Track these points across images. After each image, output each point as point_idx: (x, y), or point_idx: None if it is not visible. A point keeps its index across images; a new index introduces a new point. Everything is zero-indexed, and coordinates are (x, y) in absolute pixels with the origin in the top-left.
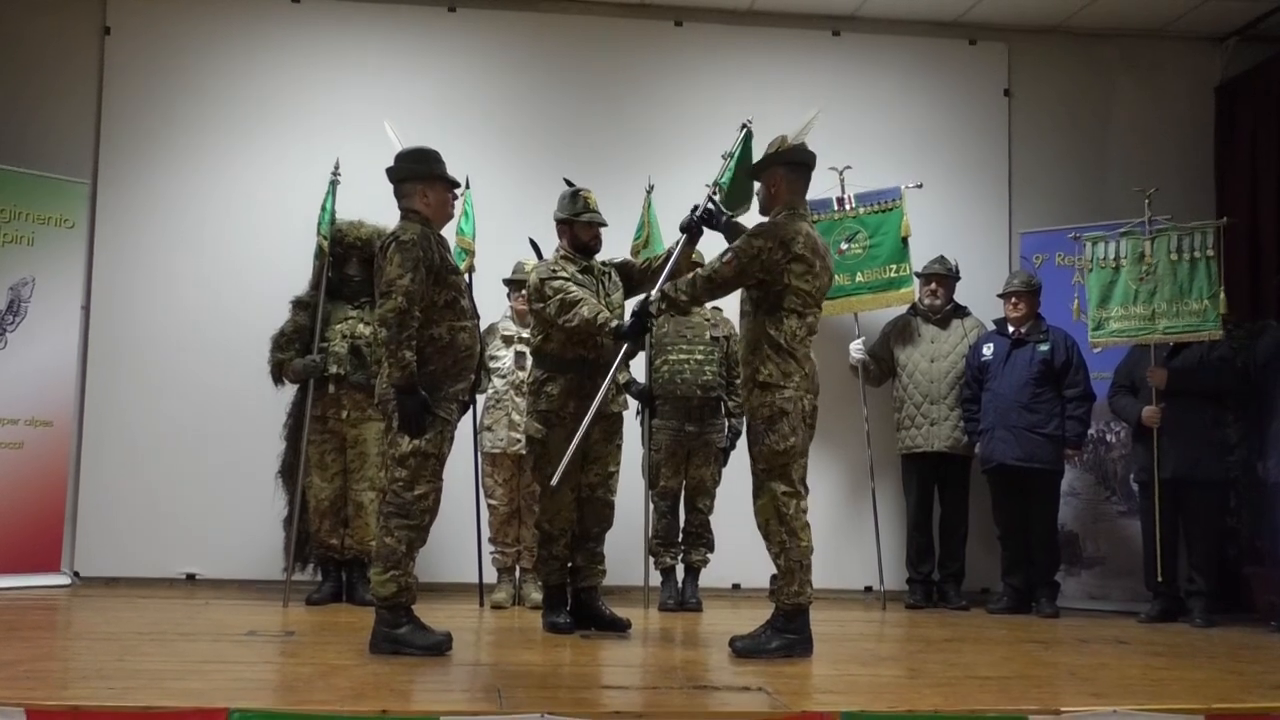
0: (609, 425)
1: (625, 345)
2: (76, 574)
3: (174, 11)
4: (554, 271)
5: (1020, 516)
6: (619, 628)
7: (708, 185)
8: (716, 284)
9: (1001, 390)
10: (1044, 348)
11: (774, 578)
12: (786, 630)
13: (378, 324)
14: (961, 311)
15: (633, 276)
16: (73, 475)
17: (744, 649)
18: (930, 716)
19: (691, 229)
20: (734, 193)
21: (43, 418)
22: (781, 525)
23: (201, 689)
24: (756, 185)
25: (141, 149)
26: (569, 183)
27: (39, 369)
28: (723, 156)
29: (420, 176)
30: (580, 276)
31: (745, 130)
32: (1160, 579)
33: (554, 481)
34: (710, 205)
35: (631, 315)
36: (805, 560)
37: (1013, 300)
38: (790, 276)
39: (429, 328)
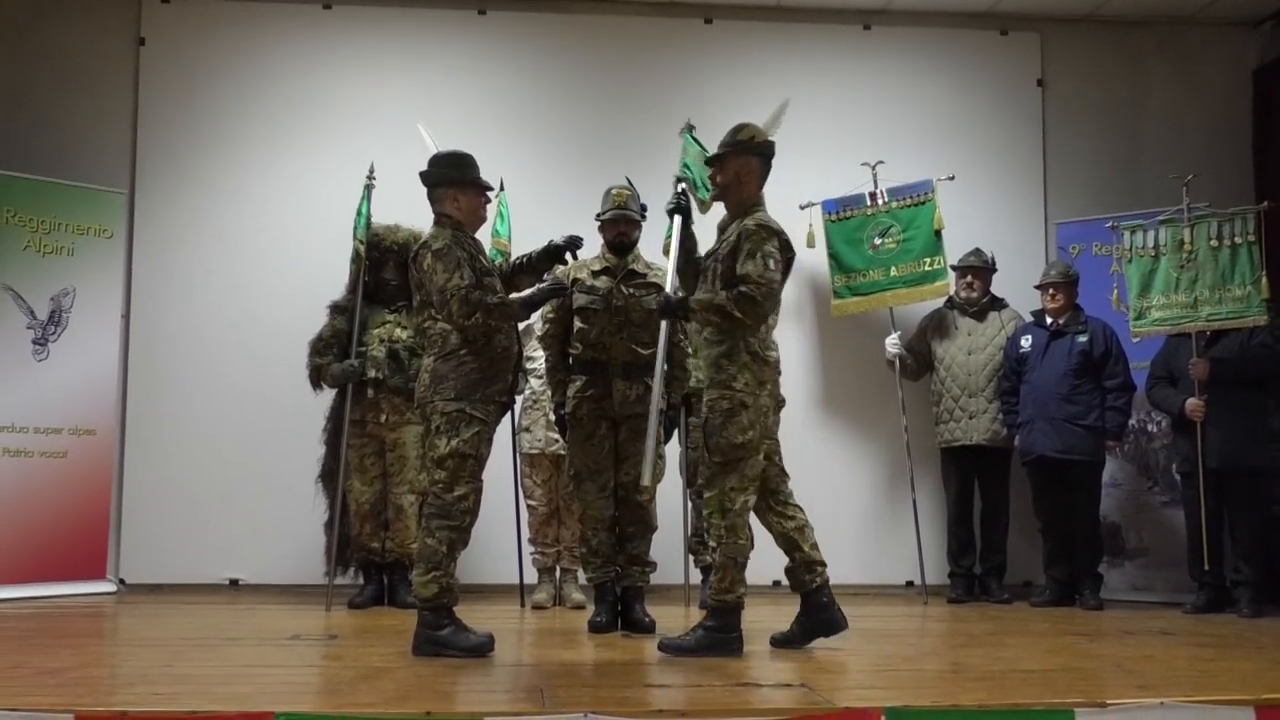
0: (636, 425)
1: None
2: (122, 581)
3: (207, 21)
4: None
5: (1062, 508)
6: (643, 629)
7: (679, 176)
8: (777, 291)
9: (1040, 382)
10: (1083, 339)
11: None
12: (715, 629)
13: (462, 319)
14: (999, 304)
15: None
16: (116, 483)
17: (669, 646)
18: (974, 711)
19: (683, 209)
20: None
21: (85, 427)
22: (723, 520)
23: (247, 693)
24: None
25: (178, 157)
26: (629, 181)
27: (81, 378)
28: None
29: (452, 181)
30: (591, 281)
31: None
32: (1208, 567)
33: (644, 481)
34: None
35: (665, 308)
36: (740, 558)
37: (1050, 291)
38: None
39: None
